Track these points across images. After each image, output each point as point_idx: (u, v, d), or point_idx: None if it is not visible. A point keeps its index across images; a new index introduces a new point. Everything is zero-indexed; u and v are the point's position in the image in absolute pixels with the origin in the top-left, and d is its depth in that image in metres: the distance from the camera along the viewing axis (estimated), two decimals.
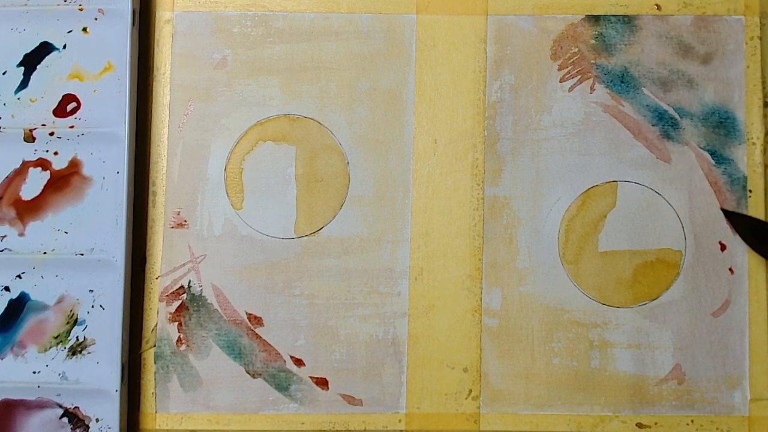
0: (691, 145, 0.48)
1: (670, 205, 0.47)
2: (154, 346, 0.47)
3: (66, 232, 0.46)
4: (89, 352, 0.46)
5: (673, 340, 0.47)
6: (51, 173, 0.47)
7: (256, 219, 0.48)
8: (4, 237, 0.46)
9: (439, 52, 0.49)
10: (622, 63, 0.48)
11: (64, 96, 0.47)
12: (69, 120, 0.47)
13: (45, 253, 0.46)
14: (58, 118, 0.47)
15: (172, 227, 0.48)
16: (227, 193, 0.48)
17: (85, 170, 0.47)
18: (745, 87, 0.48)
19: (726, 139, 0.48)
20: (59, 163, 0.47)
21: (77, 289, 0.46)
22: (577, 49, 0.48)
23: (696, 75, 0.48)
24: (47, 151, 0.47)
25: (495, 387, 0.47)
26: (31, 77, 0.48)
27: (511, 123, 0.48)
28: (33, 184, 0.47)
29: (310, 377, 0.47)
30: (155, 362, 0.47)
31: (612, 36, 0.48)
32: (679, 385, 0.46)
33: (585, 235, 0.47)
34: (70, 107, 0.47)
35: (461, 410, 0.46)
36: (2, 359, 0.46)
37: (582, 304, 0.47)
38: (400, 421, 0.47)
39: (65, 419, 0.45)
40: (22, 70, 0.48)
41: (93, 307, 0.46)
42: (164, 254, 0.47)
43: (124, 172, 0.46)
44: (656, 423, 0.46)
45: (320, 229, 0.48)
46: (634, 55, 0.48)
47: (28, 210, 0.47)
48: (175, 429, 0.46)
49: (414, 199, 0.48)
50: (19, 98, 0.47)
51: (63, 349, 0.46)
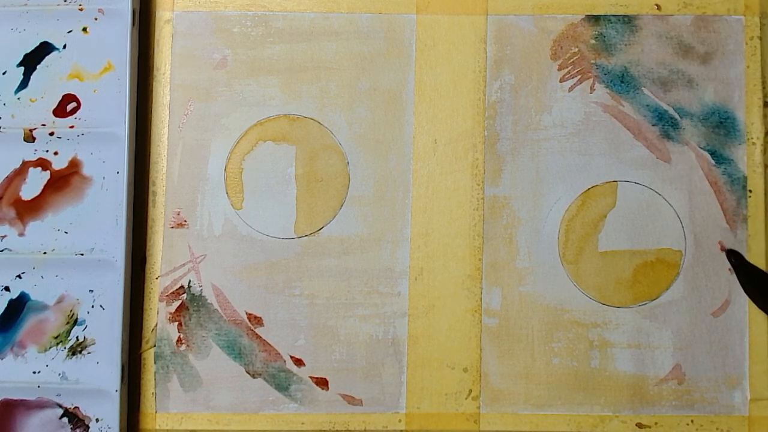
0: (691, 145, 0.48)
1: (670, 205, 0.47)
2: (154, 346, 0.47)
3: (66, 232, 0.46)
4: (89, 352, 0.46)
5: (673, 340, 0.47)
6: (51, 173, 0.47)
7: (256, 219, 0.48)
8: (4, 237, 0.46)
9: (439, 52, 0.49)
10: (622, 63, 0.48)
11: (64, 96, 0.47)
12: (69, 120, 0.47)
13: (45, 253, 0.46)
14: (58, 118, 0.47)
15: (172, 227, 0.48)
16: (227, 193, 0.48)
17: (85, 170, 0.47)
18: (745, 87, 0.48)
19: (726, 139, 0.48)
20: (59, 163, 0.47)
21: (77, 289, 0.46)
22: (577, 49, 0.48)
23: (696, 75, 0.48)
24: (47, 151, 0.47)
25: (495, 387, 0.47)
26: (31, 77, 0.48)
27: (511, 123, 0.48)
28: (33, 184, 0.47)
29: (310, 377, 0.47)
30: (155, 362, 0.47)
31: (612, 36, 0.48)
32: (679, 385, 0.46)
33: (585, 235, 0.47)
34: (70, 107, 0.47)
35: (461, 410, 0.46)
36: (2, 359, 0.46)
37: (582, 304, 0.47)
38: (400, 421, 0.46)
39: (65, 419, 0.45)
40: (22, 70, 0.48)
41: (93, 307, 0.46)
42: (164, 254, 0.47)
43: (124, 172, 0.46)
44: (656, 423, 0.46)
45: (320, 229, 0.48)
46: (634, 55, 0.48)
47: (28, 210, 0.47)
48: (175, 429, 0.46)
49: (414, 199, 0.48)
50: (19, 98, 0.47)
51: (63, 349, 0.46)
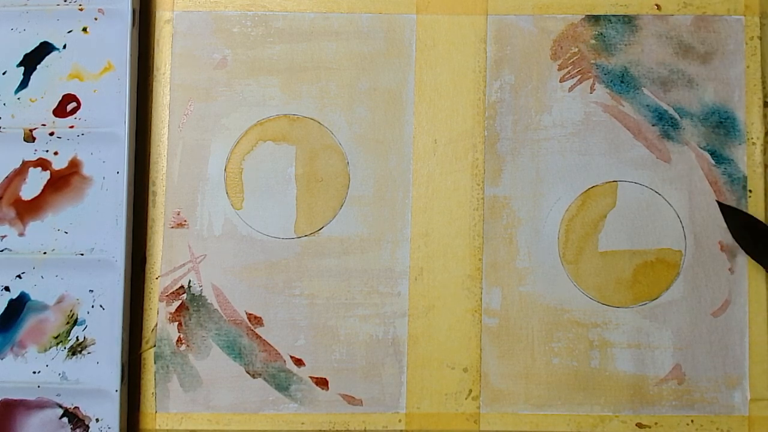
0: (691, 145, 0.48)
1: (670, 205, 0.47)
2: (154, 346, 0.47)
3: (66, 232, 0.46)
4: (89, 352, 0.46)
5: (673, 340, 0.47)
6: (51, 173, 0.47)
7: (256, 219, 0.48)
8: (4, 237, 0.46)
9: (439, 52, 0.49)
10: (622, 63, 0.48)
11: (64, 96, 0.47)
12: (69, 120, 0.47)
13: (45, 253, 0.46)
14: (58, 118, 0.47)
15: (172, 227, 0.48)
16: (227, 193, 0.48)
17: (85, 170, 0.47)
18: (745, 87, 0.48)
19: (726, 139, 0.48)
20: (59, 163, 0.47)
21: (77, 289, 0.46)
22: (577, 49, 0.48)
23: (696, 75, 0.48)
24: (47, 151, 0.47)
25: (495, 387, 0.47)
26: (31, 77, 0.48)
27: (511, 123, 0.48)
28: (33, 184, 0.47)
29: (310, 377, 0.47)
30: (155, 362, 0.47)
31: (612, 36, 0.48)
32: (679, 385, 0.46)
33: (585, 235, 0.47)
34: (70, 107, 0.47)
35: (461, 410, 0.46)
36: (2, 359, 0.46)
37: (582, 304, 0.47)
38: (400, 421, 0.46)
39: (65, 419, 0.45)
40: (22, 70, 0.48)
41: (93, 307, 0.46)
42: (164, 254, 0.47)
43: (124, 172, 0.46)
44: (656, 423, 0.46)
45: (320, 229, 0.48)
46: (634, 55, 0.48)
47: (28, 210, 0.47)
48: (175, 429, 0.46)
49: (414, 199, 0.48)
50: (19, 98, 0.47)
51: (63, 349, 0.46)
